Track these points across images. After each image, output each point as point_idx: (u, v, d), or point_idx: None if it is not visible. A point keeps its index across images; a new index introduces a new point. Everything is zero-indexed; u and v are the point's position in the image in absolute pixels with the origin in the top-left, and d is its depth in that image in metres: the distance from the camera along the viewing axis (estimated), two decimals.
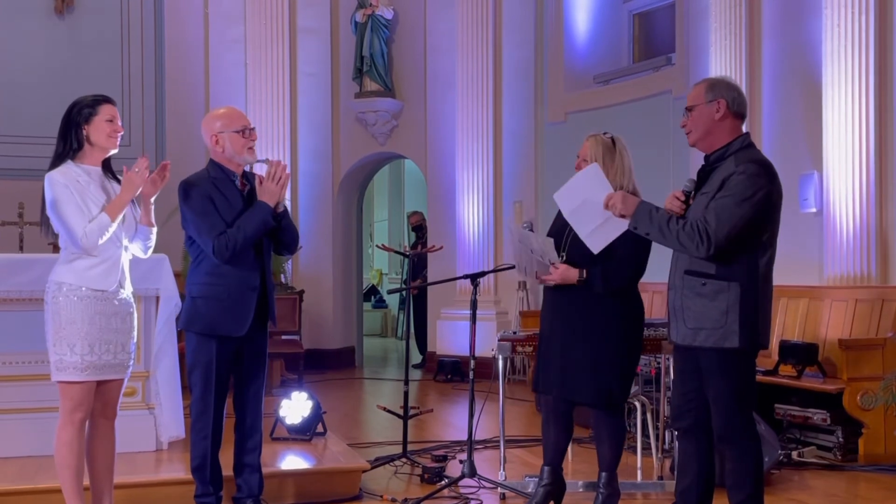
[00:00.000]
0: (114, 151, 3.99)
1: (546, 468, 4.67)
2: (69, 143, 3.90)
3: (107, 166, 4.01)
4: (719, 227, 3.57)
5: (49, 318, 3.87)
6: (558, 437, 4.62)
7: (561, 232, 4.52)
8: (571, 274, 4.40)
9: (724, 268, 3.64)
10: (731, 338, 3.64)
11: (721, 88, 3.75)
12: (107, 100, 3.97)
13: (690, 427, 3.84)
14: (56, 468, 3.92)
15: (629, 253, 4.29)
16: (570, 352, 4.46)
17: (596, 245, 4.06)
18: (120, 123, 3.98)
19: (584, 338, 4.42)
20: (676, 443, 4.65)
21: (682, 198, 3.76)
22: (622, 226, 3.87)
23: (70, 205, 3.81)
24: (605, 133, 4.56)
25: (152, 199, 4.05)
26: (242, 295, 4.21)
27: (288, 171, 4.24)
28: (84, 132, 3.90)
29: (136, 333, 4.06)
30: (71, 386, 3.85)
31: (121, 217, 3.89)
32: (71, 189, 3.82)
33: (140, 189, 3.92)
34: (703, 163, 3.85)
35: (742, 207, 3.57)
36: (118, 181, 4.01)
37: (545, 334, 4.62)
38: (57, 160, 3.90)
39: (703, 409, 3.78)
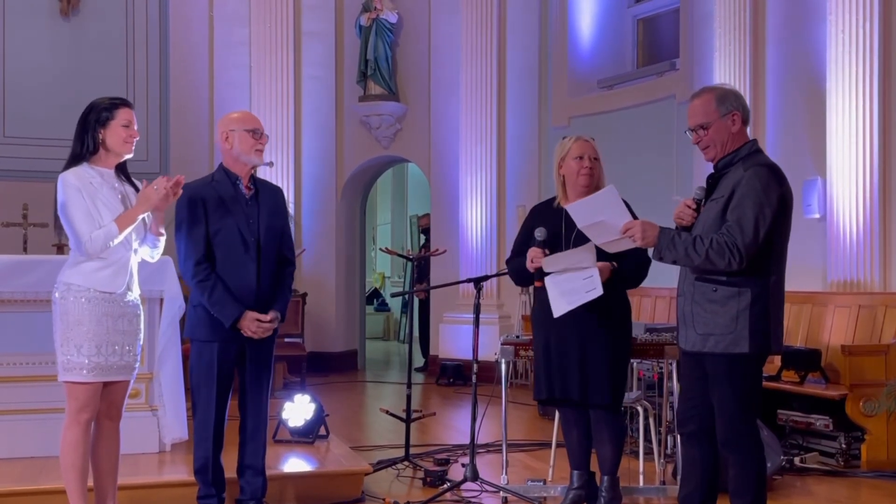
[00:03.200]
0: (128, 156, 4.01)
1: (575, 473, 4.68)
2: (85, 145, 3.91)
3: (120, 168, 4.02)
4: (745, 237, 3.56)
5: (57, 318, 3.88)
6: (582, 440, 4.63)
7: (557, 233, 4.54)
8: (606, 268, 4.38)
9: (736, 274, 3.62)
10: (741, 343, 3.63)
11: (732, 100, 3.73)
12: (124, 103, 3.98)
13: (695, 432, 3.84)
14: (60, 469, 3.93)
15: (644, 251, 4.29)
16: (587, 356, 4.47)
17: (610, 249, 4.05)
18: (136, 128, 3.98)
19: (598, 341, 4.45)
20: (679, 448, 4.66)
21: (693, 206, 3.75)
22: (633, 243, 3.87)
23: (79, 209, 3.82)
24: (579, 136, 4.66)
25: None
26: (240, 297, 4.23)
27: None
28: (100, 136, 3.91)
29: (142, 335, 4.07)
30: (77, 386, 3.85)
31: (130, 229, 3.90)
32: (82, 192, 3.83)
33: (154, 206, 3.93)
34: (709, 168, 3.85)
35: (762, 213, 3.57)
36: (131, 184, 4.02)
37: (552, 340, 4.58)
38: (72, 161, 3.91)
39: (708, 414, 3.77)
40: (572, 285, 4.34)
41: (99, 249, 3.83)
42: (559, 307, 4.36)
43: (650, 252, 3.82)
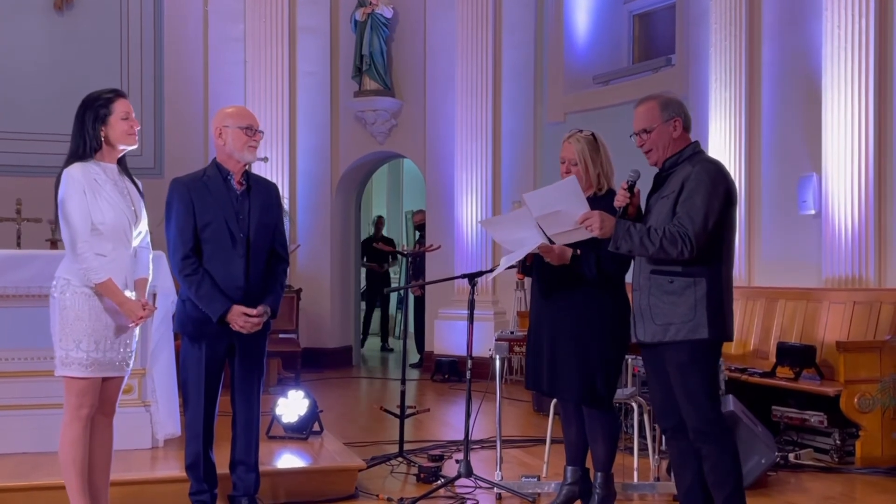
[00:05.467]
0: (133, 147, 3.97)
1: (569, 468, 4.68)
2: (89, 144, 3.86)
3: (121, 163, 3.99)
4: (695, 226, 3.68)
5: (55, 313, 3.85)
6: (579, 436, 4.62)
7: None
8: (567, 252, 4.39)
9: (690, 265, 3.74)
10: (701, 330, 3.72)
11: (674, 107, 3.90)
12: (118, 94, 3.94)
13: (680, 425, 3.86)
14: (60, 465, 3.89)
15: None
16: (555, 348, 4.46)
17: (558, 240, 4.16)
18: (134, 116, 3.95)
19: (569, 334, 4.43)
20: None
21: (626, 187, 3.88)
22: (586, 234, 3.92)
23: (78, 208, 3.78)
24: (580, 131, 4.59)
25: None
26: (227, 293, 4.21)
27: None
28: (102, 133, 3.87)
29: (138, 331, 4.05)
30: (77, 382, 3.82)
31: (103, 293, 3.85)
32: (85, 190, 3.79)
33: (125, 312, 3.88)
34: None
35: (710, 205, 3.71)
36: (132, 180, 4.00)
37: (532, 329, 4.63)
38: (74, 159, 3.86)
39: None
40: (510, 259, 4.50)
41: (81, 263, 3.79)
42: (493, 273, 4.66)
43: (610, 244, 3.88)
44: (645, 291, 3.85)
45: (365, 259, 12.99)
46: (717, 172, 3.79)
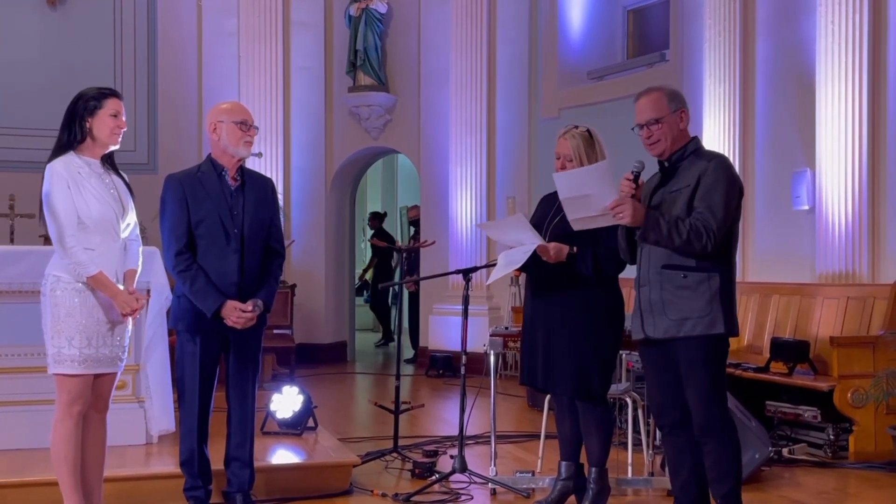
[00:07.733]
0: (114, 147, 3.97)
1: (563, 464, 4.68)
2: (72, 134, 3.87)
3: (107, 159, 3.98)
4: (717, 221, 3.68)
5: (47, 310, 3.85)
6: (573, 432, 4.62)
7: (543, 218, 4.54)
8: (564, 249, 4.38)
9: (703, 259, 3.73)
10: (718, 325, 3.73)
11: (680, 98, 3.90)
12: (113, 93, 3.96)
13: (678, 422, 3.86)
14: (52, 461, 3.89)
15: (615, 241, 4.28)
16: (550, 344, 4.46)
17: (577, 226, 4.06)
18: (124, 119, 3.95)
19: (564, 329, 4.43)
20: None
21: (631, 177, 3.82)
22: (610, 221, 3.88)
23: (63, 202, 3.77)
24: (576, 127, 4.59)
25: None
26: (221, 289, 4.22)
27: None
28: (87, 125, 3.88)
29: (130, 327, 4.04)
30: (69, 379, 3.82)
31: (94, 285, 3.84)
32: (69, 184, 3.79)
33: (120, 308, 3.88)
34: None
35: (730, 200, 3.72)
36: (118, 174, 4.00)
37: (527, 326, 4.63)
38: (59, 150, 3.87)
39: (685, 403, 3.81)
40: (509, 259, 4.46)
41: (70, 258, 3.79)
42: (492, 277, 4.56)
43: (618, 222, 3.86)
44: (656, 286, 3.81)
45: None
46: (732, 169, 3.81)
